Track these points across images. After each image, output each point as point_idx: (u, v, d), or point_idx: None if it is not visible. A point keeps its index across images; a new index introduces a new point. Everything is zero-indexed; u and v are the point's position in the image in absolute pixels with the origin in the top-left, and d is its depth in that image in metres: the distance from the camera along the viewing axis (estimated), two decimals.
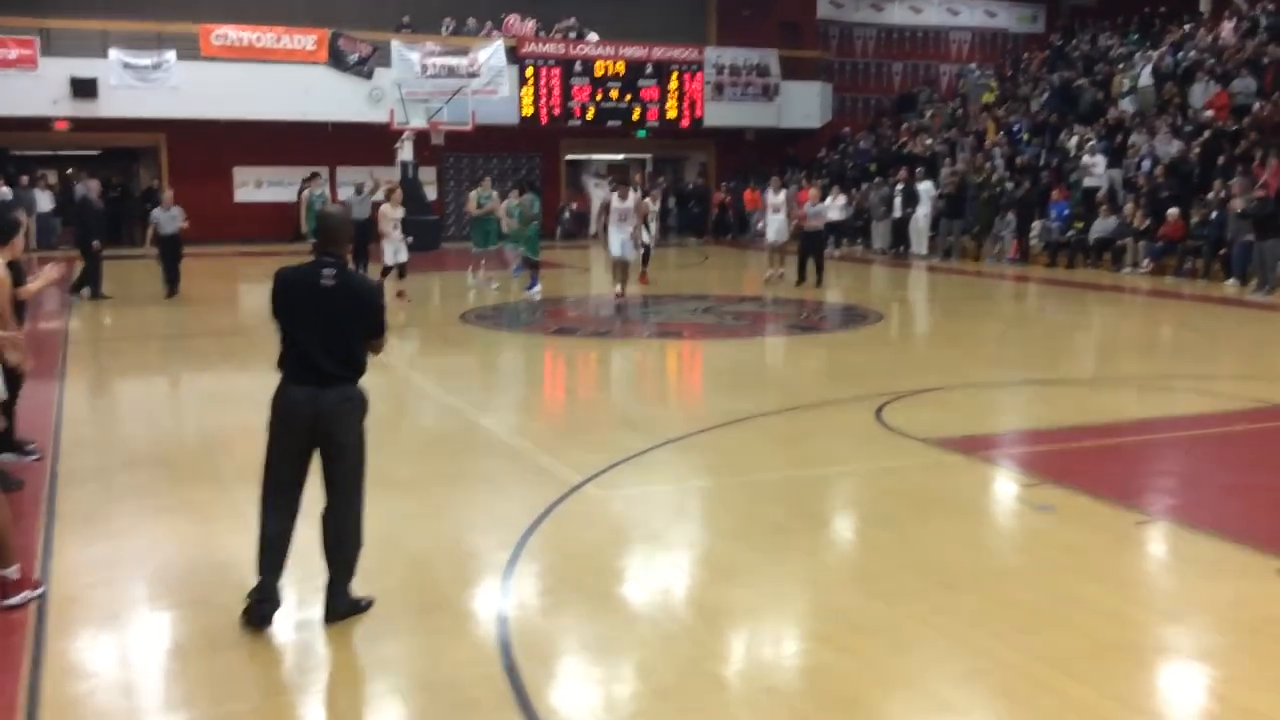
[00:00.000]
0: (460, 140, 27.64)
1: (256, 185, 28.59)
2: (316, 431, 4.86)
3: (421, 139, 26.62)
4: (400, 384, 10.70)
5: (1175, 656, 4.73)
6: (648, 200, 19.52)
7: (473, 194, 19.16)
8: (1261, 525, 6.31)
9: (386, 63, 26.48)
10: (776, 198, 19.70)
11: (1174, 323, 15.40)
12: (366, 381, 5.07)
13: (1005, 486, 7.36)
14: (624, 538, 6.21)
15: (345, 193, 21.85)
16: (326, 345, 4.82)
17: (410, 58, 26.19)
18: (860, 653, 4.65)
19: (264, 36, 26.17)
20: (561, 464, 7.54)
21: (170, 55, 25.47)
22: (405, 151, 26.32)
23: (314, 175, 21.75)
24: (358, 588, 5.08)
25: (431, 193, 28.65)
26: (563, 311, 16.21)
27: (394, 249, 16.22)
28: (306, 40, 26.45)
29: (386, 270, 16.11)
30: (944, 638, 4.77)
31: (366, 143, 27.13)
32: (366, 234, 20.81)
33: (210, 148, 27.34)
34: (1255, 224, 17.11)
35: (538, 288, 16.97)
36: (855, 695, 4.29)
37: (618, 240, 16.32)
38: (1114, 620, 4.96)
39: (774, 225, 19.45)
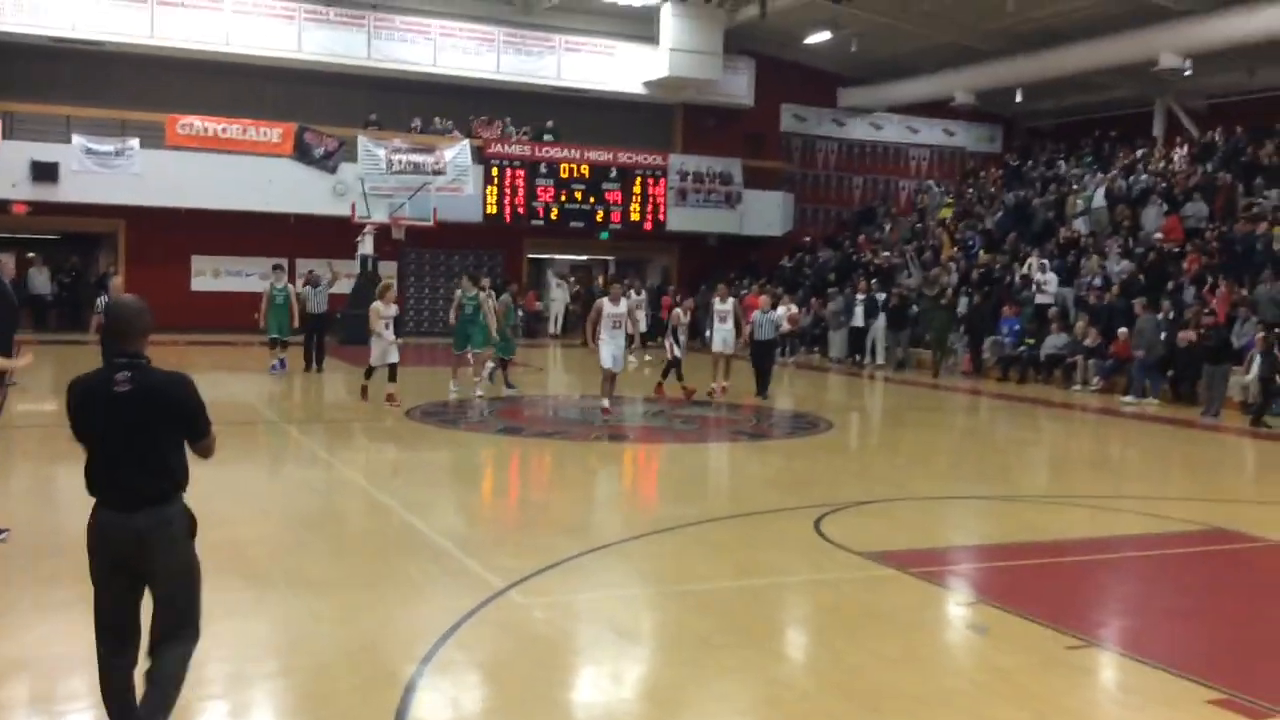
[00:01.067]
0: (422, 236, 27.73)
1: (214, 274, 28.42)
2: (134, 561, 4.24)
3: (382, 233, 26.67)
4: (332, 480, 10.46)
5: None
6: (678, 310, 18.69)
7: (457, 294, 17.35)
8: (1195, 653, 6.17)
9: (352, 158, 26.62)
10: (723, 305, 18.14)
11: (1121, 442, 15.44)
12: (301, 476, 4.89)
13: (941, 605, 7.20)
14: (541, 649, 5.97)
15: (298, 283, 21.46)
16: (134, 460, 4.20)
17: (376, 153, 26.38)
18: None
19: (230, 128, 26.27)
20: (487, 568, 7.31)
21: (134, 143, 25.48)
22: (366, 245, 26.36)
23: (276, 267, 21.35)
24: None
25: None
26: (512, 411, 16.03)
27: (383, 349, 15.28)
28: (272, 133, 26.57)
29: (370, 372, 15.58)
30: None
31: (328, 235, 27.13)
32: (322, 327, 20.74)
33: (170, 235, 27.23)
34: (1205, 350, 17.30)
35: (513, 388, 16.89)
36: None
37: (608, 351, 14.52)
38: None
39: (719, 334, 17.90)
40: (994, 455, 13.86)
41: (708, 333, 23.83)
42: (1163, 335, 18.85)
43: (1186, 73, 25.46)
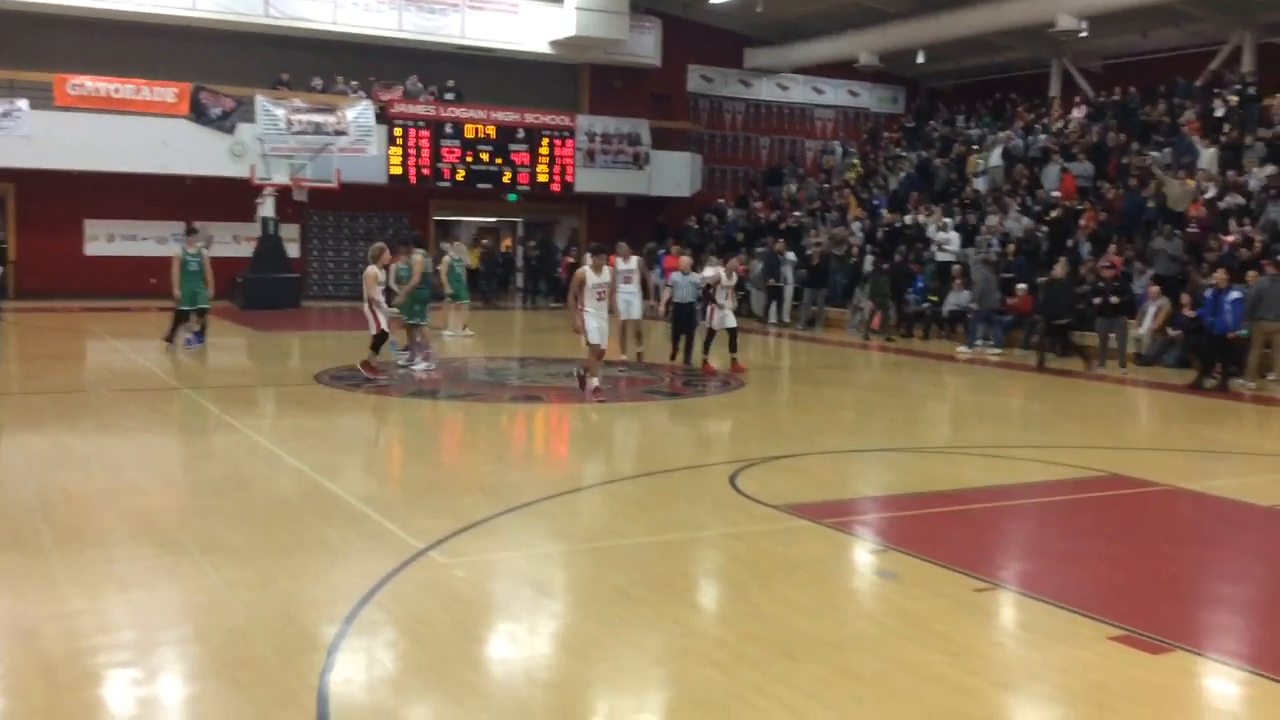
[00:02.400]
0: (324, 198, 27.24)
1: (109, 239, 27.59)
2: None
3: (284, 195, 26.13)
4: (243, 447, 10.28)
5: None
6: (720, 271, 16.64)
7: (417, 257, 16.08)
8: (1092, 592, 6.43)
9: (250, 118, 25.96)
10: (626, 265, 16.95)
11: (1021, 394, 15.89)
12: (209, 443, 4.85)
13: (852, 553, 7.38)
14: (462, 608, 5.99)
15: (175, 247, 19.76)
16: None
17: (275, 113, 25.75)
18: None
19: (122, 88, 25.35)
20: (405, 530, 7.29)
21: (22, 104, 24.45)
22: (266, 207, 25.83)
23: (191, 231, 18.97)
24: None
25: (293, 250, 28.06)
26: (424, 375, 15.88)
27: (388, 317, 14.61)
28: (167, 93, 25.71)
29: (379, 340, 14.50)
30: (780, 708, 4.68)
31: (227, 197, 26.53)
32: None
33: (62, 199, 26.39)
34: (1102, 304, 17.83)
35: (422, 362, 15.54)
36: None
37: (594, 325, 13.09)
38: (950, 689, 4.94)
39: (622, 297, 16.22)
40: (900, 410, 14.16)
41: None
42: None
43: (1082, 34, 26.08)
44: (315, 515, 7.76)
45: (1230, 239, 18.13)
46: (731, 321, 16.48)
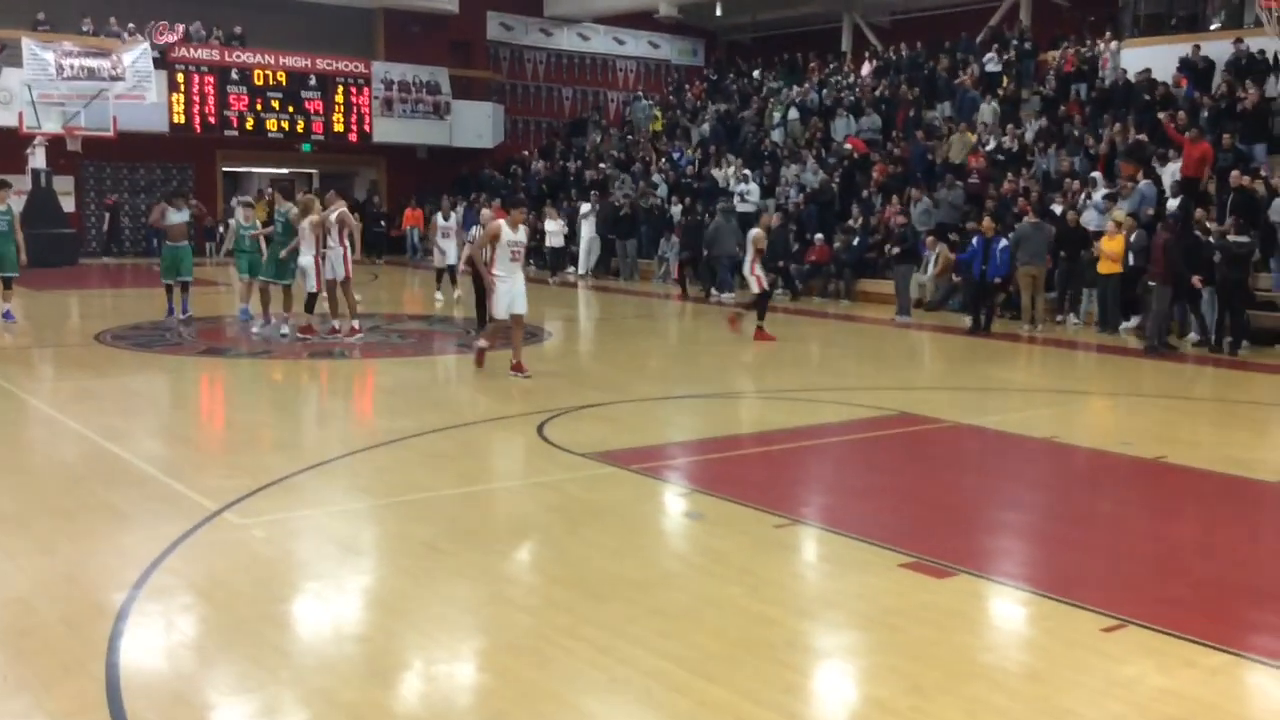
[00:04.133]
0: (102, 148, 25.65)
1: None
2: None
3: (56, 145, 24.44)
4: (17, 409, 9.65)
5: (806, 653, 4.92)
6: (757, 232, 15.14)
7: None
8: (884, 523, 6.74)
9: (17, 62, 24.12)
10: (446, 223, 17.67)
11: (817, 340, 16.44)
12: None
13: (658, 497, 7.50)
14: (262, 568, 5.79)
15: None
16: None
17: (44, 57, 24.04)
18: (505, 671, 4.54)
19: None
20: (197, 492, 6.99)
21: None
22: (37, 158, 24.14)
23: (3, 184, 15.89)
24: None
25: (69, 204, 26.33)
26: (215, 331, 15.24)
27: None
28: None
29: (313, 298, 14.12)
30: (589, 649, 4.73)
31: None
32: None
33: None
34: (901, 254, 18.50)
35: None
36: (499, 713, 4.16)
37: (505, 292, 11.29)
38: (752, 620, 5.10)
39: (451, 252, 16.94)
40: (704, 358, 14.44)
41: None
42: (855, 241, 20.09)
43: None
44: (99, 480, 7.36)
45: (1006, 188, 19.14)
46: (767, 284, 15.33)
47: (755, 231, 15.14)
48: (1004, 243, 16.25)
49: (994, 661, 4.73)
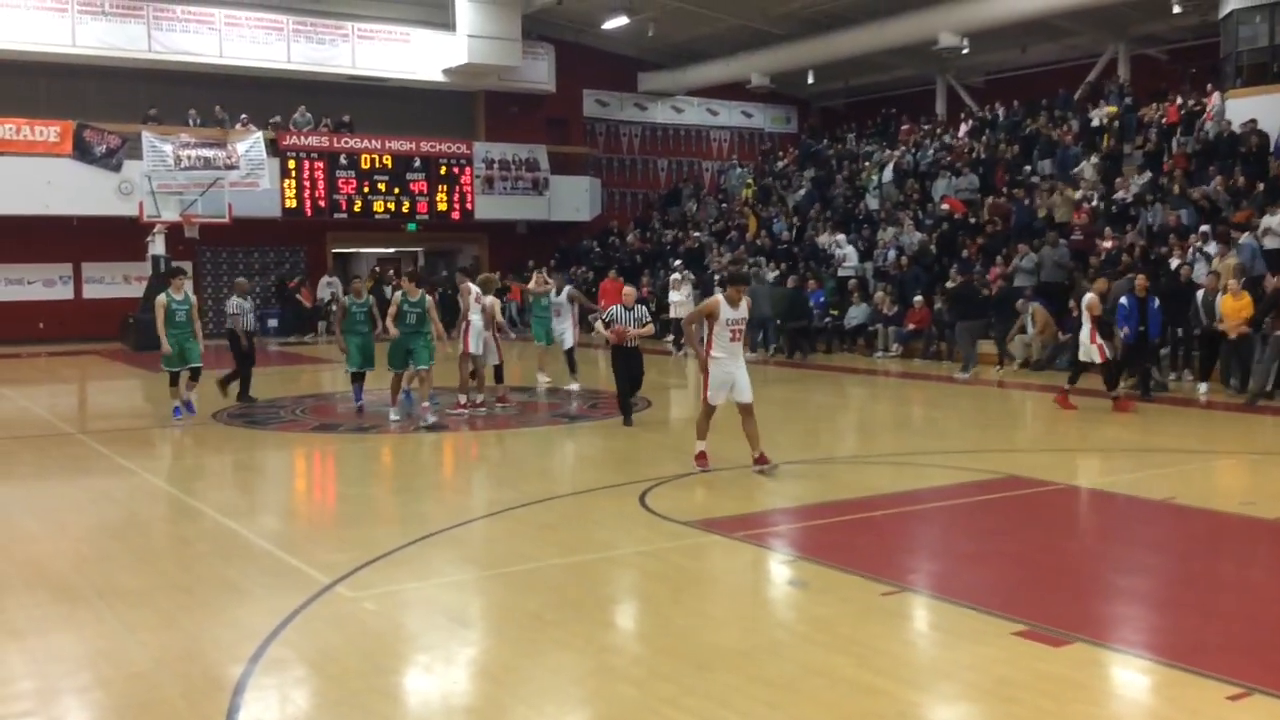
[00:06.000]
0: (217, 233, 26.69)
1: None
2: None
3: (175, 232, 25.55)
4: (138, 488, 10.00)
5: None
6: (1090, 297, 13.86)
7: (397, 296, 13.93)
8: (996, 591, 6.58)
9: (137, 155, 25.36)
10: (558, 298, 16.61)
11: (921, 402, 16.22)
12: (103, 487, 4.73)
13: (762, 564, 7.44)
14: (372, 641, 5.90)
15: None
16: None
17: (163, 149, 25.17)
18: None
19: (2, 128, 24.64)
20: (310, 565, 7.16)
21: None
22: (157, 245, 25.22)
23: (175, 273, 15.40)
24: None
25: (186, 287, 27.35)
26: (323, 409, 15.64)
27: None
28: (49, 131, 25.02)
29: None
30: (694, 719, 4.71)
31: (116, 236, 25.91)
32: None
33: None
34: (954, 305, 18.12)
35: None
36: None
37: (722, 377, 10.24)
38: (860, 690, 5.02)
39: (568, 334, 16.32)
40: (806, 423, 14.33)
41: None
42: None
43: (964, 50, 26.87)
44: (217, 555, 7.58)
45: (1111, 244, 18.76)
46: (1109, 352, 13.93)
47: (1089, 297, 13.88)
48: (1158, 302, 15.37)
49: None
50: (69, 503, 9.81)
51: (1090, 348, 13.75)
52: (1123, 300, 14.52)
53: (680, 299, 23.08)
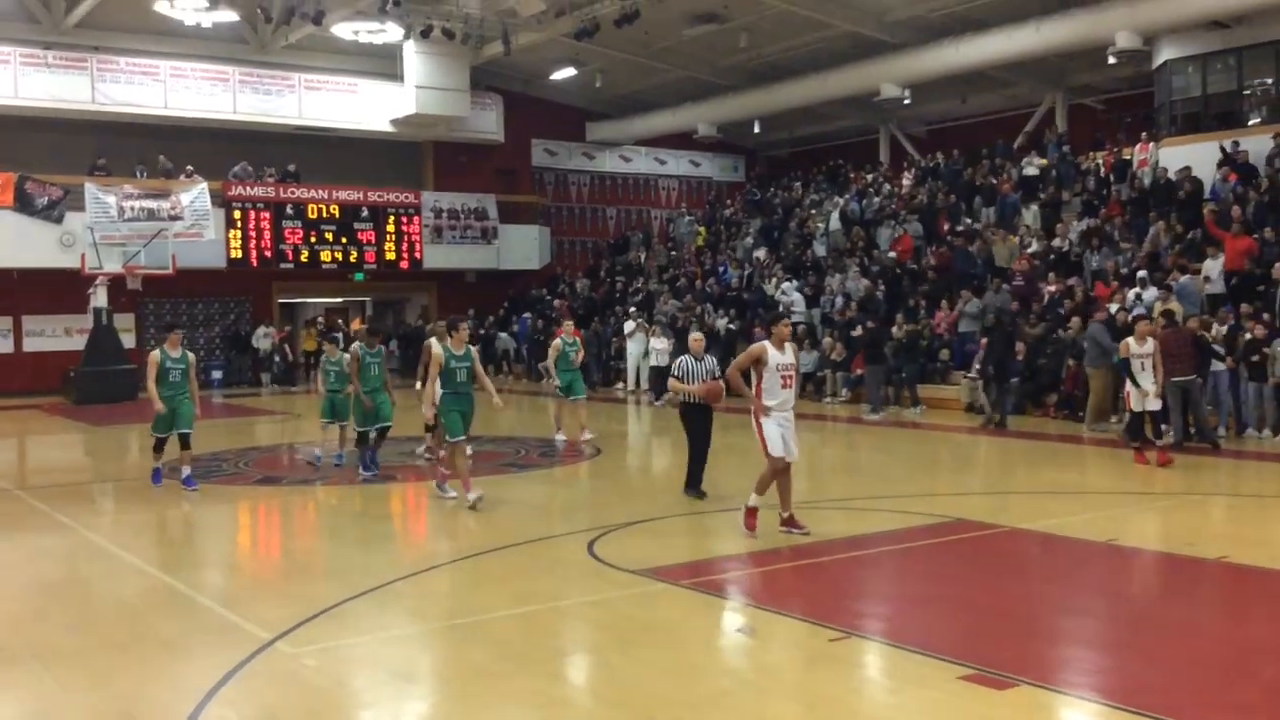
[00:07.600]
0: (161, 284, 26.38)
1: None
2: None
3: (117, 284, 25.22)
4: (75, 545, 9.79)
5: None
6: (1128, 340, 13.24)
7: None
8: (943, 635, 6.60)
9: (79, 206, 25.06)
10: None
11: (870, 447, 16.31)
12: (40, 544, 4.60)
13: (710, 612, 7.41)
14: (314, 698, 5.79)
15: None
16: None
17: (106, 200, 24.94)
18: None
19: None
20: (250, 621, 7.02)
21: None
22: (99, 298, 24.87)
23: (171, 329, 13.50)
24: None
25: (129, 340, 26.97)
26: (268, 461, 15.43)
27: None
28: None
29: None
30: None
31: (56, 289, 25.53)
32: None
33: None
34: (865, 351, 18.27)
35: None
36: None
37: (777, 430, 9.52)
38: None
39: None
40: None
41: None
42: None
43: (906, 101, 27.35)
44: (155, 612, 7.42)
45: (1052, 288, 19.07)
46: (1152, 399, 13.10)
47: (1128, 341, 13.36)
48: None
49: None
50: (4, 561, 9.57)
51: (1135, 396, 13.15)
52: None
53: (662, 347, 23.08)
